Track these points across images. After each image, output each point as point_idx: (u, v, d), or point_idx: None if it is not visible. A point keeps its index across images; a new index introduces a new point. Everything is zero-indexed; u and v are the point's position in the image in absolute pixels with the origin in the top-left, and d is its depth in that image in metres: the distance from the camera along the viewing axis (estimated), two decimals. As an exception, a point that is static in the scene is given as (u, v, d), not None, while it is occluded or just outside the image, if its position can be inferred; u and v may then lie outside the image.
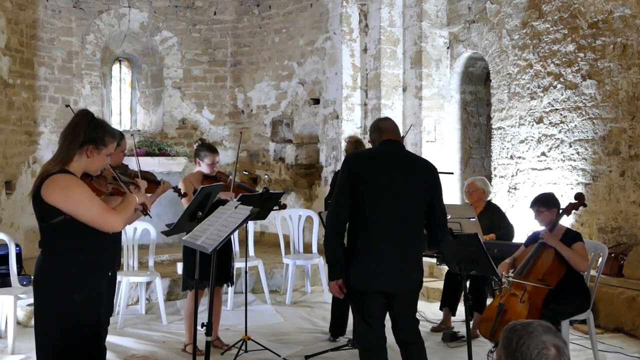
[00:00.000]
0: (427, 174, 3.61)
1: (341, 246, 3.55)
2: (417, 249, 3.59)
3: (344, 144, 8.30)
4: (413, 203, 3.51)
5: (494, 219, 5.88)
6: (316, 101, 9.11)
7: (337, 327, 5.54)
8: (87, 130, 2.98)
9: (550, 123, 6.63)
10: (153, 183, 4.29)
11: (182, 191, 4.70)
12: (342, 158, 8.30)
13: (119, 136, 4.15)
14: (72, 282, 2.94)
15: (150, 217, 3.49)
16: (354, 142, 5.72)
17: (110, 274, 3.21)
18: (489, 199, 6.04)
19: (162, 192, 4.29)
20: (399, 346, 3.65)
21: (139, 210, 3.32)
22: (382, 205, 3.45)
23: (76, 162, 2.98)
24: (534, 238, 4.74)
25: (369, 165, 3.52)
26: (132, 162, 4.72)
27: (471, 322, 4.84)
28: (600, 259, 4.87)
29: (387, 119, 3.82)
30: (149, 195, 4.16)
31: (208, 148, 5.24)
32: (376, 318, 3.58)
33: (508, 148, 7.17)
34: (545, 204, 4.66)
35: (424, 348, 3.66)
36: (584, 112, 6.27)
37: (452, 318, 5.76)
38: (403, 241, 3.49)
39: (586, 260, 4.50)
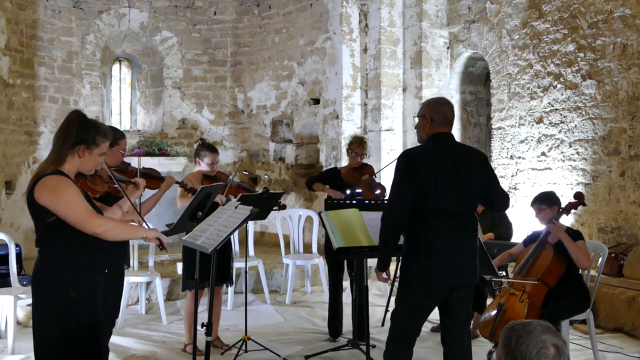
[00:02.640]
0: (480, 166, 3.67)
1: (397, 242, 3.61)
2: (476, 242, 3.68)
3: (344, 143, 8.32)
4: (471, 198, 3.59)
5: (495, 219, 5.90)
6: (316, 101, 9.11)
7: (334, 327, 5.54)
8: (79, 131, 3.01)
9: (550, 123, 6.63)
10: (157, 180, 4.28)
11: (188, 186, 4.69)
12: (343, 158, 8.32)
13: (116, 135, 4.14)
14: (68, 280, 2.96)
15: (166, 250, 3.47)
16: (357, 140, 5.80)
17: (107, 271, 3.21)
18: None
19: (166, 188, 4.29)
20: (447, 349, 3.68)
21: (156, 245, 3.30)
22: (446, 202, 3.48)
23: (69, 162, 3.02)
24: (533, 237, 4.75)
25: (431, 164, 3.52)
26: (134, 162, 4.70)
27: (471, 322, 4.84)
28: (600, 259, 4.87)
29: (452, 107, 3.72)
30: (153, 191, 4.17)
31: (208, 148, 5.24)
32: (425, 319, 3.65)
33: (508, 148, 7.17)
34: (546, 201, 4.65)
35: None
36: (584, 112, 6.27)
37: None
38: (467, 235, 3.57)
39: (589, 258, 4.51)
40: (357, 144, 5.75)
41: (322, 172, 6.14)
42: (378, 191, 5.64)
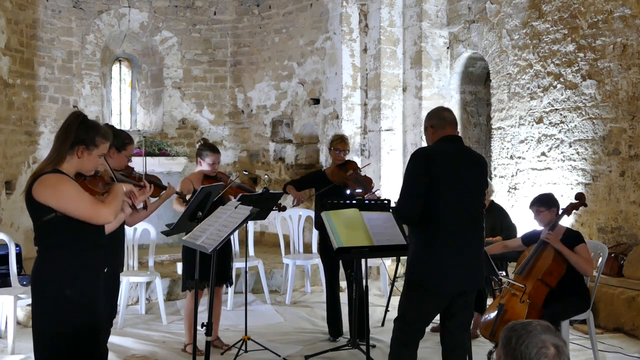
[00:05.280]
0: (484, 171, 3.73)
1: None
2: (483, 246, 3.71)
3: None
4: (478, 201, 3.61)
5: (497, 219, 5.89)
6: (316, 101, 9.11)
7: (333, 327, 5.54)
8: (78, 131, 3.04)
9: (550, 123, 6.63)
10: (158, 187, 4.23)
11: (187, 197, 4.65)
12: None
13: (125, 140, 4.12)
14: (65, 278, 2.97)
15: (136, 209, 3.43)
16: (339, 137, 5.82)
17: (107, 270, 3.21)
18: (491, 198, 6.05)
19: (166, 198, 4.26)
20: (446, 348, 3.69)
21: (126, 202, 3.28)
22: (458, 205, 3.48)
23: (68, 162, 3.04)
24: (533, 236, 4.75)
25: (445, 164, 3.52)
26: (137, 168, 4.66)
27: (471, 322, 4.84)
28: (600, 259, 4.87)
29: (449, 110, 3.78)
30: (154, 199, 4.14)
31: (210, 148, 5.26)
32: (431, 321, 3.67)
33: (508, 148, 7.17)
34: (545, 204, 4.66)
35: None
36: (584, 112, 6.27)
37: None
38: (475, 239, 3.58)
39: (591, 264, 4.51)
40: (339, 141, 5.77)
41: (306, 174, 6.12)
42: (359, 190, 5.61)
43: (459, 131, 8.14)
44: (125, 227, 4.51)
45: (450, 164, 3.52)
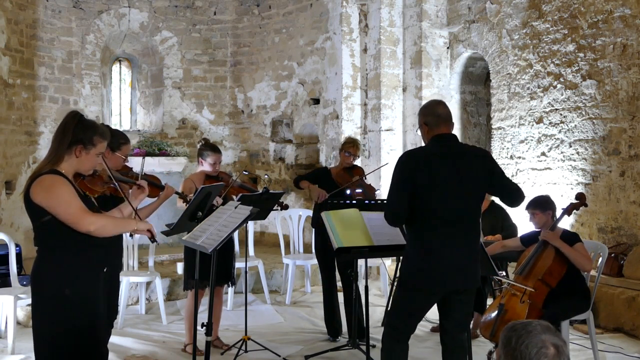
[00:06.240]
0: (482, 166, 3.58)
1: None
2: (477, 245, 3.67)
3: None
4: (473, 200, 3.56)
5: (497, 219, 5.90)
6: (316, 101, 9.11)
7: (332, 327, 5.54)
8: (76, 131, 3.04)
9: (550, 123, 6.63)
10: (156, 187, 4.17)
11: (188, 197, 4.59)
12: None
13: (120, 140, 4.10)
14: (65, 278, 2.97)
15: (158, 243, 3.44)
16: (351, 141, 5.81)
17: (106, 270, 3.21)
18: (492, 198, 6.04)
19: (165, 199, 4.20)
20: (445, 348, 3.69)
21: (148, 237, 3.27)
22: (447, 206, 3.46)
23: (66, 162, 3.04)
24: (533, 236, 4.75)
25: (434, 165, 3.49)
26: (135, 168, 4.63)
27: (471, 322, 4.84)
28: (600, 259, 4.87)
29: (444, 105, 3.70)
30: (153, 199, 4.12)
31: (211, 148, 5.25)
32: (420, 318, 3.68)
33: (508, 148, 7.17)
34: (539, 206, 4.67)
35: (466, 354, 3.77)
36: (584, 112, 6.27)
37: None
38: (467, 239, 3.55)
39: (590, 260, 4.52)
40: (351, 144, 5.76)
41: (312, 171, 6.15)
42: (359, 190, 5.62)
43: (456, 128, 8.19)
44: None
45: (442, 164, 3.49)
